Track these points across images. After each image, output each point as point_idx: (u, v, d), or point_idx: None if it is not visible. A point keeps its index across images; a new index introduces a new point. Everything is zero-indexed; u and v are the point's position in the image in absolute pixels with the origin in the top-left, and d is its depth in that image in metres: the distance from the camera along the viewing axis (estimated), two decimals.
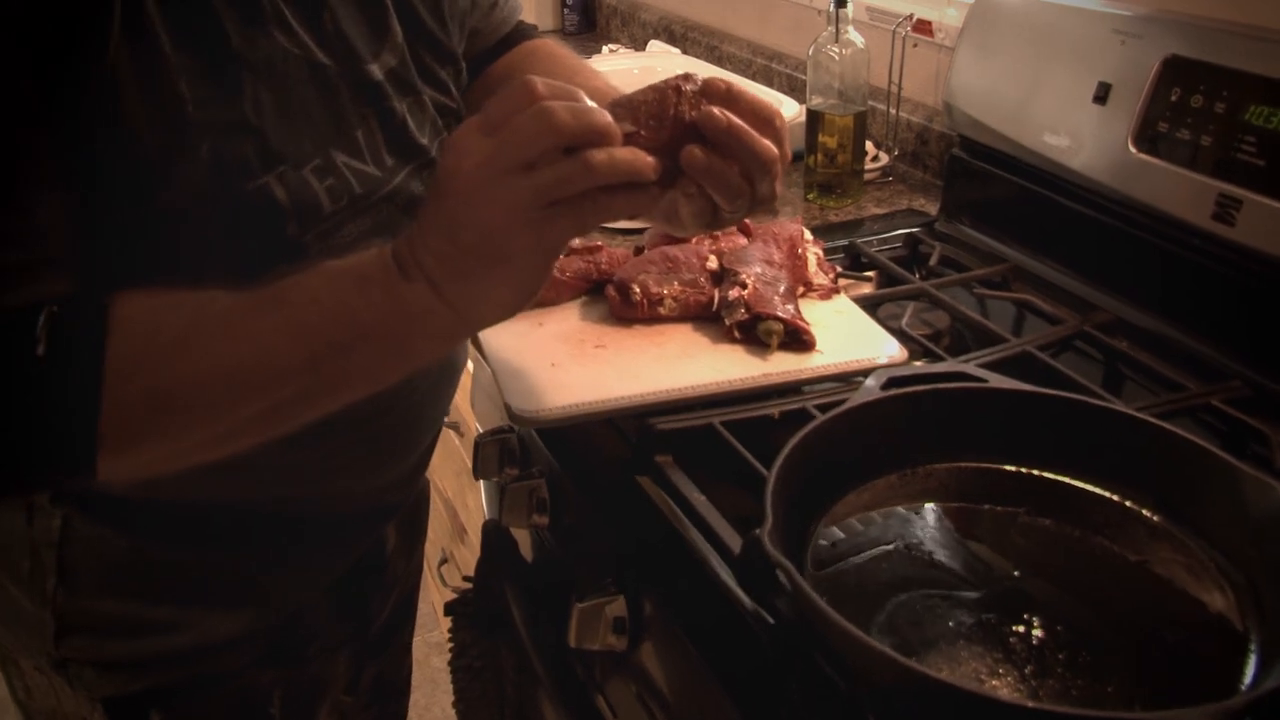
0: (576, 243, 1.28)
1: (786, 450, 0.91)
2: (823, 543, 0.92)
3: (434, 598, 2.46)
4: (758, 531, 0.81)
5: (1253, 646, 0.82)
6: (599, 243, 1.30)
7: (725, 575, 0.93)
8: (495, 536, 1.29)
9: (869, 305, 1.37)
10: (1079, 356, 1.32)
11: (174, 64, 0.74)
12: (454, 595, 1.41)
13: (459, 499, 2.15)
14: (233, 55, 0.78)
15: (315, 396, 0.76)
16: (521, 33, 1.22)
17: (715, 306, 1.20)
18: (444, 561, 2.01)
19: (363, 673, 1.24)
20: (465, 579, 1.37)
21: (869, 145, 1.82)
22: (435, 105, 0.98)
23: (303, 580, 1.07)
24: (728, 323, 1.17)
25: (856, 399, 0.99)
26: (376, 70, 0.91)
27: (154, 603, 0.99)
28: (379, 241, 0.78)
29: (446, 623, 1.37)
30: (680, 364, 1.14)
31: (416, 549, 1.31)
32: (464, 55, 1.07)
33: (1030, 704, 0.74)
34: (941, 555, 0.92)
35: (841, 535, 0.93)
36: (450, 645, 1.36)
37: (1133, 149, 1.32)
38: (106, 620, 0.99)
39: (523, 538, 1.34)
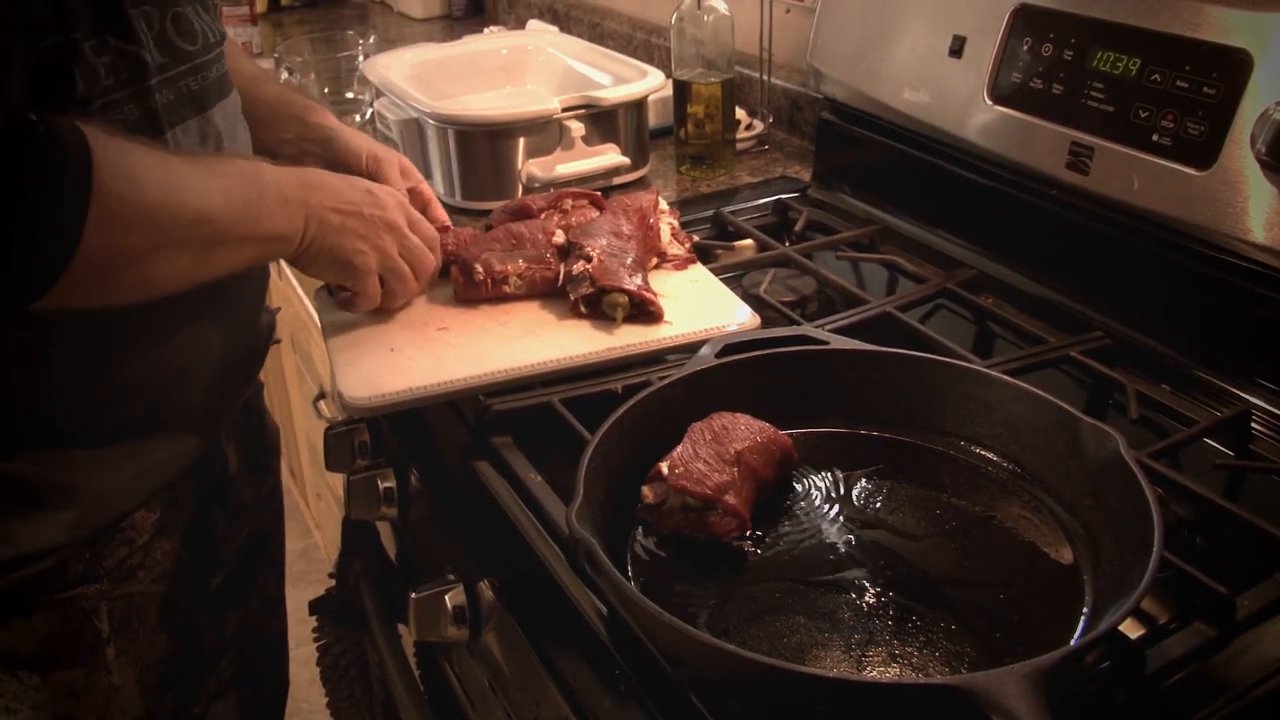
0: None
1: (607, 424, 0.87)
2: None
3: None
4: (568, 509, 0.77)
5: (1086, 600, 0.79)
6: (446, 224, 1.26)
7: (554, 559, 0.89)
8: (353, 531, 1.25)
9: (733, 274, 1.34)
10: (948, 316, 1.30)
11: None
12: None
13: None
14: None
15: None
16: None
17: (561, 282, 1.16)
18: None
19: (224, 620, 1.21)
20: (330, 575, 1.32)
21: (742, 114, 1.79)
22: (200, 24, 1.02)
23: (120, 483, 1.02)
24: (572, 297, 1.13)
25: (689, 368, 0.96)
26: None
27: None
28: (171, 121, 0.96)
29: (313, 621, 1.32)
30: (523, 343, 1.10)
31: (265, 482, 1.28)
32: None
33: (818, 672, 0.71)
34: (781, 521, 0.89)
35: None
36: (316, 644, 1.32)
37: (989, 101, 1.30)
38: None
39: (385, 531, 1.30)
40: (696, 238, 1.34)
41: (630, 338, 1.11)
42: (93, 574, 1.02)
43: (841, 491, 0.92)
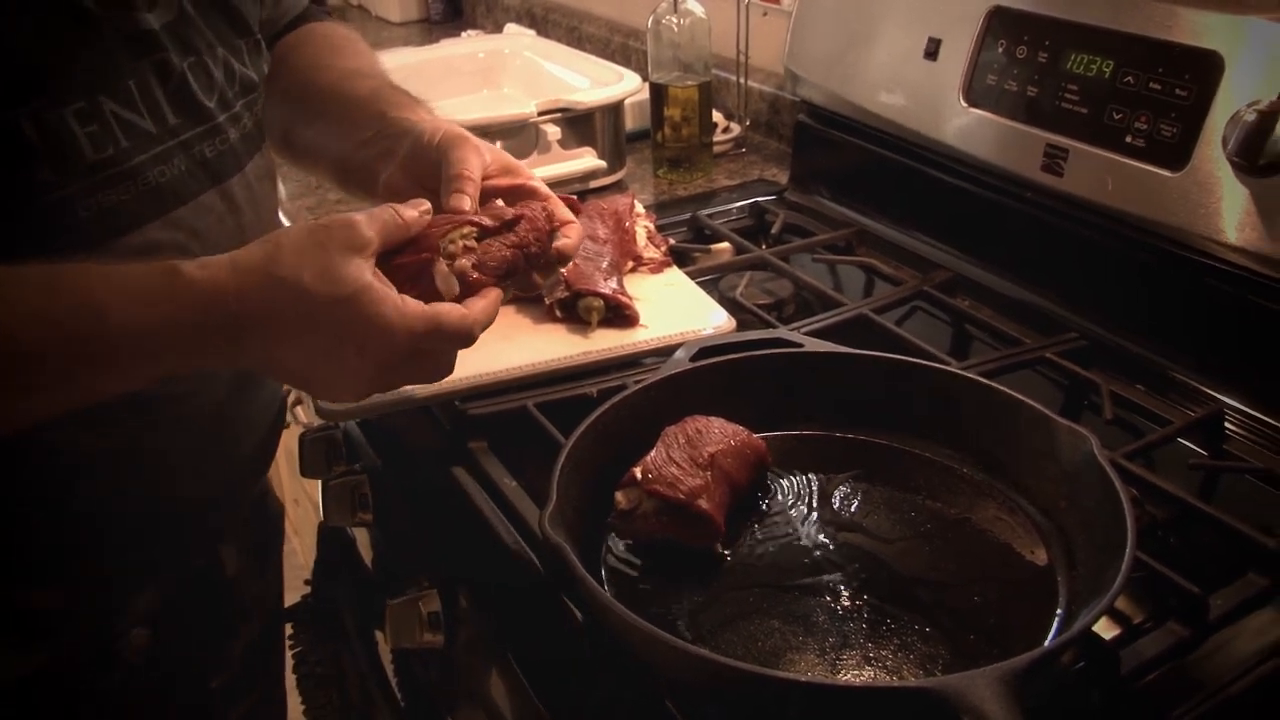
0: None
1: (581, 428, 0.87)
2: None
3: None
4: (540, 514, 0.77)
5: (1060, 600, 0.79)
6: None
7: (530, 565, 0.88)
8: (329, 538, 1.24)
9: (710, 277, 1.34)
10: (924, 318, 1.30)
11: None
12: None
13: None
14: None
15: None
16: (309, 14, 1.18)
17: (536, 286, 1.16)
18: None
19: (229, 711, 1.15)
20: (305, 583, 1.31)
21: (719, 117, 1.79)
22: (225, 72, 0.92)
23: (111, 598, 0.97)
24: (548, 302, 1.13)
25: (663, 371, 0.96)
26: (151, 20, 0.84)
27: None
28: (182, 197, 0.84)
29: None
30: (499, 347, 1.10)
31: (268, 572, 1.21)
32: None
33: (792, 676, 0.70)
34: (755, 525, 0.89)
35: None
36: (292, 652, 1.31)
37: (963, 103, 1.30)
38: None
39: (362, 537, 1.29)
40: (673, 241, 1.34)
41: (605, 342, 1.10)
42: (89, 691, 0.96)
43: (816, 494, 0.92)
